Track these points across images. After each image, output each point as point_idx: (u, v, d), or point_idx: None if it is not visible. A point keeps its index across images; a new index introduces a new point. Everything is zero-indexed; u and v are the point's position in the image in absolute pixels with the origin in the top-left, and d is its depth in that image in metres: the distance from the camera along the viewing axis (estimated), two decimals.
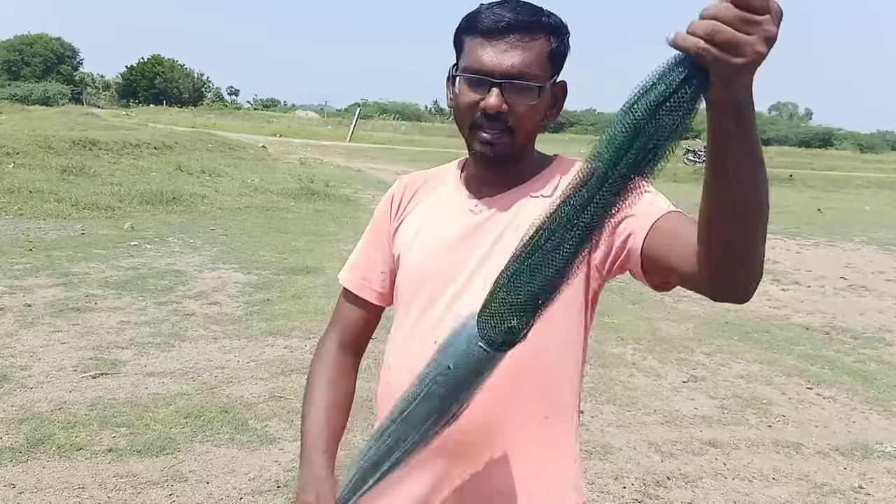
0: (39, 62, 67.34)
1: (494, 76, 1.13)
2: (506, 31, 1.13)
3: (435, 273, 1.24)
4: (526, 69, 1.13)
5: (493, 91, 1.13)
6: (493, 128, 1.16)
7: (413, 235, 1.30)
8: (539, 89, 1.15)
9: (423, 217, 1.31)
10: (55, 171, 13.17)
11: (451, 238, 1.25)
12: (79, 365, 4.53)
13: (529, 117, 1.17)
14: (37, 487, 3.11)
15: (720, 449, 3.94)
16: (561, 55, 1.19)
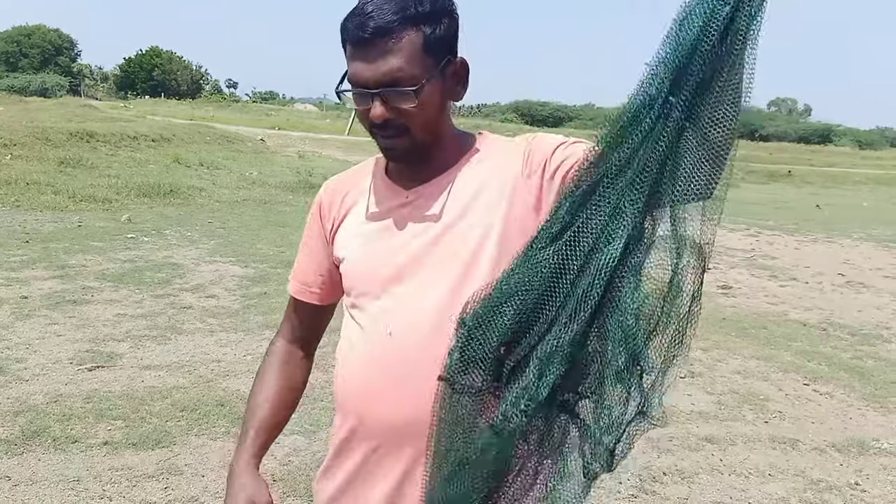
0: (37, 53, 67.16)
1: (370, 87, 1.12)
2: (372, 38, 1.10)
3: (378, 267, 1.24)
4: (398, 73, 1.10)
5: (374, 103, 1.12)
6: (387, 134, 1.16)
7: (350, 234, 1.30)
8: (417, 91, 1.11)
9: (355, 215, 1.31)
10: (52, 162, 13.14)
11: (388, 231, 1.25)
12: (75, 357, 4.52)
13: (419, 115, 1.15)
14: (32, 480, 3.10)
15: (717, 445, 3.94)
16: (441, 39, 1.14)
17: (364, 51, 1.11)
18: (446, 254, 1.18)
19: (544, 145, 1.19)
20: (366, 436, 1.23)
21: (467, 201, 1.20)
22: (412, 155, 1.20)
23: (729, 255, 10.43)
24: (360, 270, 1.27)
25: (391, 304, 1.21)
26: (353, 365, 1.27)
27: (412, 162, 1.23)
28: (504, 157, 1.22)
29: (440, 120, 1.21)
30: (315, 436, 3.70)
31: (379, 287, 1.23)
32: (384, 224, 1.25)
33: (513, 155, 1.21)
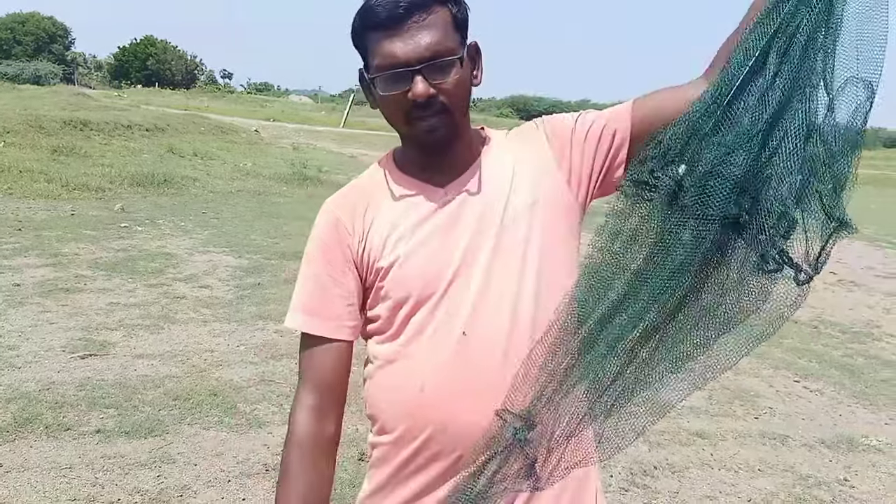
0: (31, 41, 66.70)
1: (412, 65, 1.09)
2: (405, 16, 1.09)
3: (435, 273, 1.17)
4: (438, 46, 1.10)
5: (416, 79, 1.10)
6: (429, 114, 1.12)
7: (387, 246, 1.20)
8: (459, 60, 1.12)
9: (386, 225, 1.21)
10: (46, 150, 13.06)
11: (435, 234, 1.18)
12: (67, 345, 4.51)
13: (459, 91, 1.14)
14: (24, 467, 3.10)
15: (707, 440, 3.96)
16: (464, 19, 1.16)
17: (399, 29, 1.09)
18: (506, 243, 1.16)
19: (560, 124, 1.23)
20: (448, 444, 1.14)
21: (506, 187, 1.19)
22: (451, 137, 1.17)
23: None
24: (416, 275, 1.17)
25: (458, 303, 1.15)
26: (424, 372, 1.15)
27: (449, 146, 1.19)
28: (522, 141, 1.24)
29: (469, 103, 1.20)
30: None
31: (442, 289, 1.16)
32: (432, 224, 1.19)
33: (531, 137, 1.24)
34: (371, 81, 1.15)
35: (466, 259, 1.16)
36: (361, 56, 1.18)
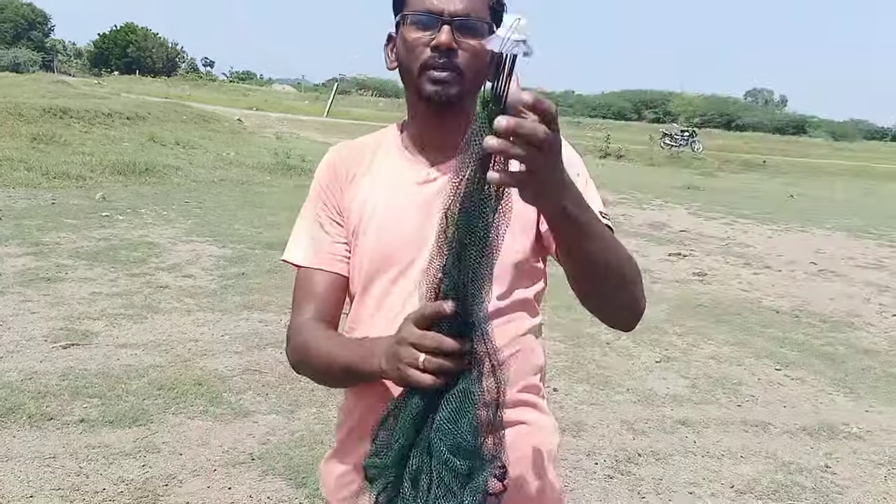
0: (9, 28, 65.72)
1: (444, 15, 1.15)
2: None
3: (399, 247, 1.21)
4: (472, 10, 1.15)
5: (444, 28, 1.14)
6: (444, 66, 1.15)
7: (365, 210, 1.26)
8: (488, 27, 1.15)
9: (368, 191, 1.27)
10: (25, 139, 12.88)
11: (410, 209, 1.22)
12: (49, 335, 4.47)
13: (478, 58, 1.16)
14: (7, 457, 3.07)
15: (691, 427, 4.00)
16: (499, 13, 1.19)
17: None
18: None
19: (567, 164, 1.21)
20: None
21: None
22: (454, 101, 1.18)
23: (704, 242, 10.56)
24: (381, 246, 1.23)
25: (412, 287, 1.18)
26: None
27: (447, 115, 1.21)
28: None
29: (481, 83, 1.19)
30: (293, 415, 3.70)
31: (396, 270, 1.21)
32: (409, 200, 1.23)
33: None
34: (401, 21, 1.20)
35: (427, 246, 1.15)
36: (396, 12, 1.23)
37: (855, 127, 74.84)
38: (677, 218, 12.96)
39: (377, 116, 37.46)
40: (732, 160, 28.69)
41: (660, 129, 36.55)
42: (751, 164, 28.76)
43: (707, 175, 23.47)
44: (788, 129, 64.57)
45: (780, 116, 71.63)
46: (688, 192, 17.67)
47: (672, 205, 14.82)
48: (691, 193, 17.35)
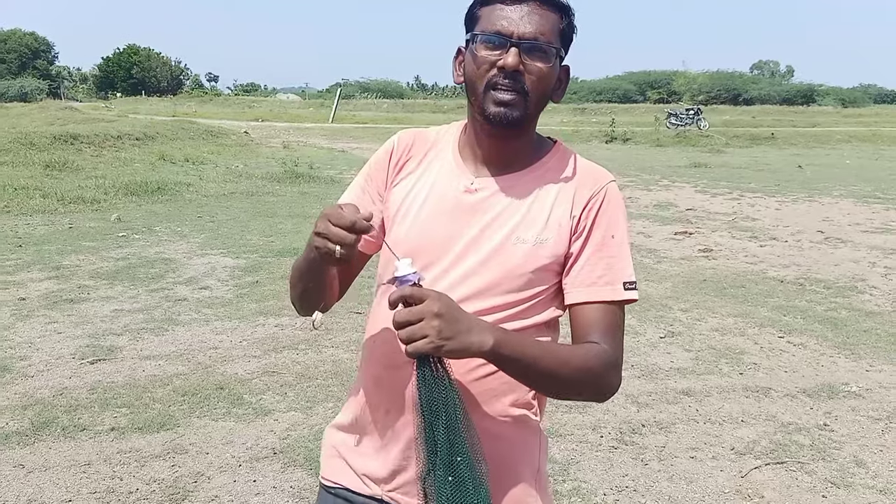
0: (14, 58, 66.61)
1: (514, 37, 1.19)
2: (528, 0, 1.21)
3: (426, 247, 1.27)
4: (541, 35, 1.20)
5: (511, 50, 1.18)
6: (509, 88, 1.20)
7: (404, 202, 1.31)
8: (556, 52, 1.22)
9: (415, 183, 1.32)
10: (38, 167, 13.20)
11: (445, 214, 1.27)
12: (76, 352, 4.69)
13: (543, 82, 1.22)
14: (45, 466, 3.28)
15: (693, 397, 4.15)
16: (568, 36, 1.26)
17: (516, 7, 1.20)
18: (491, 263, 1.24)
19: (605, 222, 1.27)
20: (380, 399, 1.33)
21: (523, 215, 1.26)
22: (515, 123, 1.22)
23: (711, 219, 10.65)
24: (407, 242, 1.28)
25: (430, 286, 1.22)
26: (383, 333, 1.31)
27: (506, 136, 1.26)
28: (574, 185, 1.29)
29: (545, 104, 1.27)
30: (311, 411, 3.88)
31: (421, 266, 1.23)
32: (447, 205, 1.28)
33: (583, 191, 1.28)
34: (471, 40, 1.24)
35: (455, 253, 1.26)
36: (468, 30, 1.27)
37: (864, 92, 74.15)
38: (684, 197, 13.04)
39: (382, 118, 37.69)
40: (740, 135, 28.61)
41: (664, 109, 36.51)
42: (758, 137, 28.67)
43: (714, 152, 23.45)
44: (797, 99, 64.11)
45: (787, 87, 71.12)
46: (694, 170, 17.72)
47: (679, 184, 14.90)
48: (698, 171, 17.40)
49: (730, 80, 68.45)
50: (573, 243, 1.26)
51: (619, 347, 1.26)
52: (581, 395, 1.30)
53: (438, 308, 1.05)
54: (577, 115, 43.33)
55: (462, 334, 1.07)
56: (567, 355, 1.20)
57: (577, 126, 33.16)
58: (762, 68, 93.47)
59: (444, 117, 39.61)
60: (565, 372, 1.18)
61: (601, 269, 1.25)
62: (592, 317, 1.25)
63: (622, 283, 1.26)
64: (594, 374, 1.21)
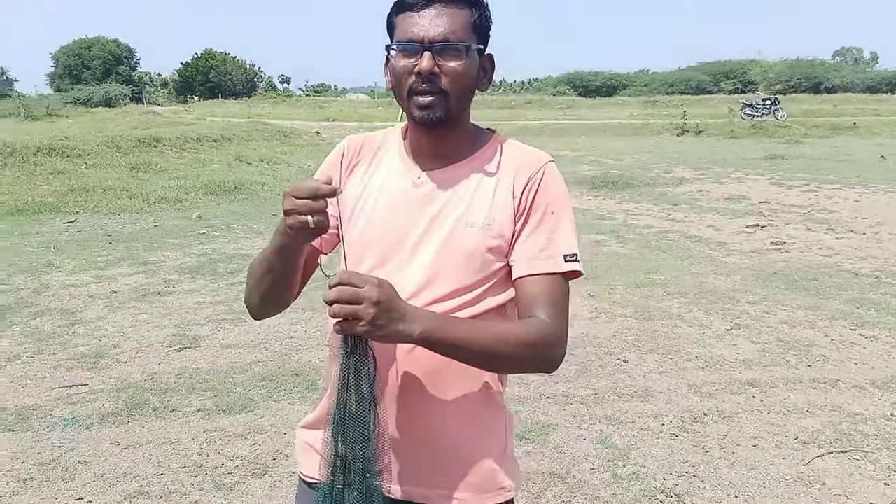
0: (99, 65, 69.60)
1: (425, 42, 1.24)
2: (430, 2, 1.25)
3: (382, 242, 1.33)
4: (451, 34, 1.25)
5: (425, 55, 1.24)
6: (428, 91, 1.26)
7: (357, 202, 1.37)
8: (466, 49, 1.26)
9: (366, 185, 1.38)
10: (124, 168, 13.92)
11: (396, 209, 1.34)
12: (164, 341, 5.02)
13: (460, 79, 1.27)
14: (138, 443, 3.57)
15: (758, 388, 4.15)
16: (484, 28, 1.30)
17: (421, 12, 1.25)
18: (437, 250, 1.30)
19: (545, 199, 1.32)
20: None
21: (468, 202, 1.32)
22: (442, 121, 1.29)
23: (785, 211, 10.41)
24: (359, 242, 1.35)
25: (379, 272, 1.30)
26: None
27: (438, 132, 1.32)
28: (514, 169, 1.34)
29: (469, 99, 1.33)
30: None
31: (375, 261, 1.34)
32: (396, 201, 1.35)
33: (522, 173, 1.34)
34: (389, 52, 1.30)
35: (410, 245, 1.32)
36: (390, 37, 1.33)
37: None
38: (757, 189, 12.76)
39: None
40: (820, 125, 27.61)
41: (740, 99, 35.54)
42: (840, 127, 27.61)
43: (791, 143, 22.73)
44: (881, 87, 61.20)
45: (871, 75, 67.93)
46: (770, 161, 17.26)
47: (753, 176, 14.56)
48: (773, 163, 16.94)
49: (810, 68, 65.86)
50: (517, 222, 1.31)
51: (561, 319, 1.29)
52: (524, 368, 1.37)
53: (378, 296, 1.10)
54: (648, 108, 42.55)
55: (394, 322, 1.12)
56: (505, 332, 1.25)
57: (648, 119, 32.61)
58: (845, 55, 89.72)
59: (511, 113, 39.55)
60: (504, 348, 1.23)
61: (542, 242, 1.30)
62: (535, 290, 1.29)
63: (563, 255, 1.30)
64: (534, 347, 1.25)
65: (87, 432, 3.68)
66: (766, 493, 3.07)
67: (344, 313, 1.11)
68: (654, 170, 15.62)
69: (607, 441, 3.55)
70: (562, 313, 1.29)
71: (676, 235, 8.74)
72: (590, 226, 9.38)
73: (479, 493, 1.36)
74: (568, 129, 29.40)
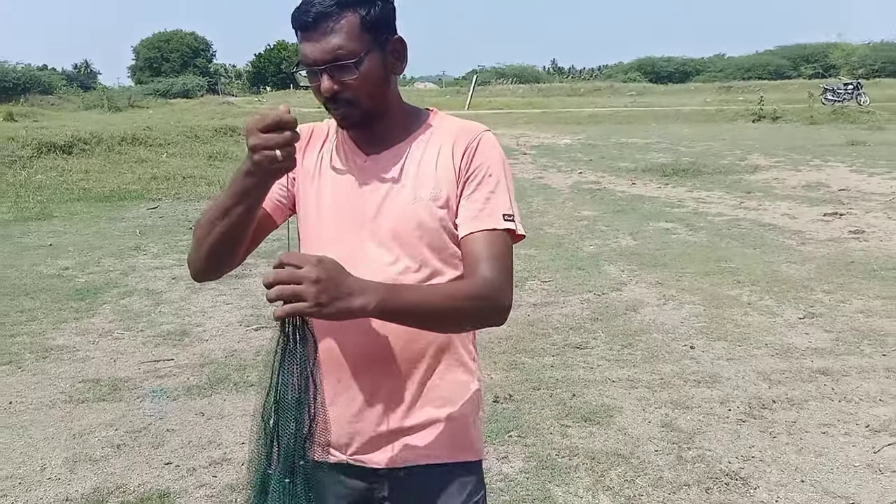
0: (177, 57, 71.80)
1: (319, 64, 1.28)
2: (315, 23, 1.27)
3: (337, 223, 1.39)
4: (339, 50, 1.27)
5: (322, 77, 1.29)
6: (337, 107, 1.32)
7: (311, 182, 1.42)
8: (356, 63, 1.28)
9: (318, 170, 1.43)
10: (202, 157, 14.45)
11: (347, 192, 1.39)
12: (242, 321, 5.26)
13: (363, 87, 1.31)
14: (220, 415, 3.78)
15: (829, 376, 4.09)
16: (377, 20, 1.30)
17: (309, 34, 1.28)
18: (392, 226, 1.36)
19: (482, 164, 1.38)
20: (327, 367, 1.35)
21: (414, 176, 1.37)
22: (363, 124, 1.36)
23: (866, 199, 10.06)
24: (310, 216, 1.43)
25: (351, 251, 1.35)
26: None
27: (365, 130, 1.39)
28: (452, 140, 1.39)
29: (385, 91, 1.36)
30: None
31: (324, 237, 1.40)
32: (342, 182, 1.41)
33: (460, 142, 1.39)
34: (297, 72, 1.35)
35: (362, 225, 1.38)
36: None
37: None
38: (836, 177, 12.33)
39: (517, 104, 37.73)
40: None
41: (820, 84, 34.23)
42: None
43: (874, 129, 21.79)
44: None
45: None
46: (851, 148, 16.61)
47: (832, 164, 14.06)
48: (855, 150, 16.30)
49: (895, 51, 62.80)
50: (458, 188, 1.37)
51: (504, 271, 1.33)
52: (475, 322, 1.40)
53: (318, 274, 1.11)
54: (722, 94, 41.38)
55: (343, 298, 1.13)
56: (452, 290, 1.32)
57: (722, 105, 31.73)
58: None
59: (580, 101, 39.10)
60: (454, 305, 1.28)
61: (481, 203, 1.36)
62: (477, 247, 1.33)
63: (501, 214, 1.35)
64: (481, 300, 1.30)
65: (174, 403, 3.92)
66: (834, 478, 3.06)
67: (284, 295, 1.11)
68: (728, 157, 15.26)
69: (672, 424, 3.58)
70: (504, 266, 1.34)
71: (749, 224, 8.57)
72: (659, 213, 9.28)
73: (454, 450, 1.44)
74: (638, 116, 28.91)
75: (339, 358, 1.38)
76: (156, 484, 3.13)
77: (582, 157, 16.05)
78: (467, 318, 1.35)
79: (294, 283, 1.11)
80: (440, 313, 1.28)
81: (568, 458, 3.28)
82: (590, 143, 19.11)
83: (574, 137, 21.02)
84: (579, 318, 5.21)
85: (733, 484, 3.04)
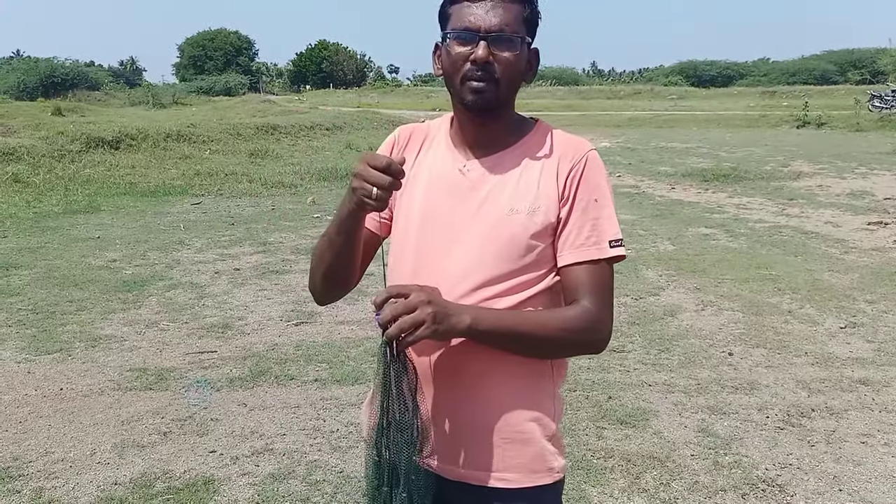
0: (220, 55, 73.00)
1: (481, 32, 1.30)
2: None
3: (429, 225, 1.38)
4: (506, 26, 1.30)
5: (481, 44, 1.29)
6: (481, 78, 1.31)
7: (406, 188, 1.38)
8: (519, 40, 1.32)
9: (416, 172, 1.43)
10: (244, 155, 14.70)
11: (443, 193, 1.39)
12: (283, 316, 5.36)
13: (512, 69, 1.32)
14: (262, 407, 3.87)
15: (870, 386, 4.05)
16: (533, 23, 1.36)
17: (480, 4, 1.31)
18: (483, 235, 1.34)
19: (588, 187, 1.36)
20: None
21: (514, 188, 1.36)
22: (491, 107, 1.34)
23: None
24: (409, 216, 1.41)
25: (438, 260, 1.36)
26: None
27: (486, 119, 1.37)
28: (557, 156, 1.38)
29: (517, 86, 1.38)
30: None
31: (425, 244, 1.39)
32: (445, 184, 1.40)
33: (565, 161, 1.38)
34: (444, 38, 1.36)
35: (458, 229, 1.36)
36: (442, 26, 1.38)
37: None
38: (883, 185, 12.09)
39: (557, 106, 37.60)
40: None
41: (867, 90, 33.50)
42: None
43: None
44: None
45: None
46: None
47: (878, 172, 13.79)
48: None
49: None
50: (561, 210, 1.35)
51: (605, 304, 1.35)
52: (569, 352, 1.43)
53: (427, 296, 1.18)
54: (766, 99, 40.80)
55: (449, 317, 1.21)
56: (545, 319, 1.32)
57: (765, 110, 31.29)
58: None
59: (619, 103, 38.83)
60: (544, 334, 1.30)
61: (587, 230, 1.35)
62: (580, 278, 1.33)
63: (608, 241, 1.35)
64: (577, 333, 1.32)
65: (218, 394, 4.03)
66: (873, 488, 3.04)
67: (408, 325, 1.17)
68: (770, 163, 15.05)
69: (709, 430, 3.57)
70: (606, 299, 1.35)
71: (791, 231, 8.46)
72: (698, 219, 9.21)
73: (528, 474, 1.39)
74: (679, 119, 28.63)
75: (427, 374, 1.37)
76: (200, 471, 3.23)
77: (621, 160, 15.95)
78: (560, 349, 1.37)
79: (408, 312, 1.18)
80: (532, 341, 1.31)
81: (603, 459, 3.31)
82: (629, 147, 19.00)
83: (613, 140, 20.91)
84: (616, 322, 5.17)
85: (770, 491, 3.04)
